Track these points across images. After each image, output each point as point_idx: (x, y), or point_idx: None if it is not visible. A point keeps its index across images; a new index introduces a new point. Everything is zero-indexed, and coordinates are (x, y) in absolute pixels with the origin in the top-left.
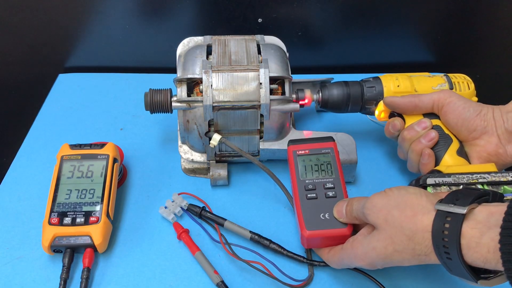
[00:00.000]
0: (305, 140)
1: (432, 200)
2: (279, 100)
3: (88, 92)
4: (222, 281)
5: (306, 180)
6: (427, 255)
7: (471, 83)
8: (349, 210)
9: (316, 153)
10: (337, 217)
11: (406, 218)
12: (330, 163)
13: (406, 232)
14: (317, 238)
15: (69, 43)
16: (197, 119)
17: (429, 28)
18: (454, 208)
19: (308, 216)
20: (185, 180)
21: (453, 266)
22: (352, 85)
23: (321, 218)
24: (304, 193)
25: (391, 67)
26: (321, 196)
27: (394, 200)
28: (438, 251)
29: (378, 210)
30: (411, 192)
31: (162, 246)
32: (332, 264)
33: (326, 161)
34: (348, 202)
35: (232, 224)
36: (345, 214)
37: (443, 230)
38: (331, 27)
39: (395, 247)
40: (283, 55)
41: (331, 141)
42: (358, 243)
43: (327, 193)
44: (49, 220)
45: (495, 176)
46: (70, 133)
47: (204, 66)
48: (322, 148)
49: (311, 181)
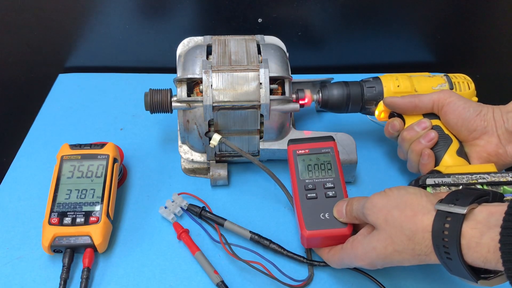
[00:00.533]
0: (305, 139)
1: (432, 200)
2: (279, 100)
3: (88, 92)
4: (222, 281)
5: (306, 179)
6: (427, 255)
7: (471, 83)
8: (349, 210)
9: (316, 153)
10: (337, 217)
11: (406, 218)
12: (330, 162)
13: (406, 232)
14: (317, 238)
15: (69, 43)
16: (197, 119)
17: (429, 28)
18: (454, 208)
19: (308, 216)
20: (185, 180)
21: (453, 266)
22: (352, 85)
23: (321, 218)
24: (304, 193)
25: (391, 67)
26: (321, 196)
27: (394, 200)
28: (438, 251)
29: (378, 210)
30: (411, 192)
31: (162, 246)
32: (332, 264)
33: (326, 161)
34: (348, 202)
35: (232, 224)
36: (345, 214)
37: (443, 230)
38: (331, 27)
39: (395, 247)
40: (283, 55)
41: (331, 140)
42: (358, 243)
43: (327, 192)
44: (49, 220)
45: (494, 177)
46: (70, 133)
47: (204, 66)
48: (322, 147)
49: (311, 181)
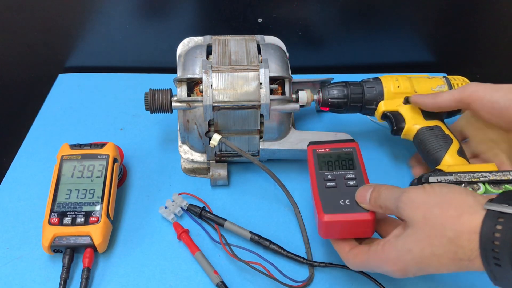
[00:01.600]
0: (326, 141)
1: (480, 200)
2: (279, 100)
3: (88, 92)
4: (222, 281)
5: (325, 172)
6: (470, 260)
7: None
8: (375, 196)
9: (337, 151)
10: (359, 202)
11: (449, 218)
12: (352, 159)
13: (448, 233)
14: (336, 224)
15: (69, 43)
16: (197, 119)
17: (429, 28)
18: (508, 209)
19: (326, 202)
20: (185, 180)
21: (500, 274)
22: (352, 85)
23: (341, 203)
24: (323, 183)
25: (391, 67)
26: (341, 185)
27: (435, 197)
28: (486, 255)
29: (416, 206)
30: (456, 190)
31: (162, 246)
32: (351, 265)
33: (348, 158)
34: (375, 188)
35: (232, 225)
36: (368, 200)
37: (494, 232)
38: (331, 27)
39: (433, 249)
40: (283, 55)
41: (353, 142)
42: (391, 245)
43: (348, 182)
44: (49, 220)
45: (496, 175)
46: (70, 133)
47: (204, 66)
48: (344, 147)
49: (330, 173)
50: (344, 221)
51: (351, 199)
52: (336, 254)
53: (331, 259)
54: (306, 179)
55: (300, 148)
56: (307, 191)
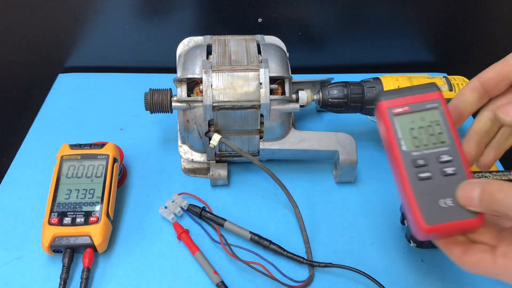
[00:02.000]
0: (400, 90)
1: None
2: (279, 100)
3: (88, 92)
4: (222, 282)
5: (412, 152)
6: None
7: None
8: (487, 199)
9: (420, 110)
10: (464, 205)
11: None
12: (439, 123)
13: None
14: (440, 235)
15: (69, 43)
16: (197, 119)
17: (429, 28)
18: None
19: (425, 205)
20: (185, 180)
21: None
22: (352, 85)
23: (442, 206)
24: (413, 171)
25: (391, 67)
26: (436, 174)
27: None
28: None
29: None
30: None
31: (162, 246)
32: (468, 269)
33: (435, 121)
34: (484, 189)
35: (232, 225)
36: (478, 202)
37: None
38: (331, 27)
39: None
40: (283, 55)
41: (436, 90)
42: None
43: (444, 169)
44: (49, 220)
45: (496, 175)
46: (70, 133)
47: (204, 66)
48: (426, 102)
49: (419, 154)
50: (451, 230)
51: (453, 197)
52: (336, 254)
53: (331, 259)
54: (306, 179)
55: (300, 148)
56: (307, 191)
